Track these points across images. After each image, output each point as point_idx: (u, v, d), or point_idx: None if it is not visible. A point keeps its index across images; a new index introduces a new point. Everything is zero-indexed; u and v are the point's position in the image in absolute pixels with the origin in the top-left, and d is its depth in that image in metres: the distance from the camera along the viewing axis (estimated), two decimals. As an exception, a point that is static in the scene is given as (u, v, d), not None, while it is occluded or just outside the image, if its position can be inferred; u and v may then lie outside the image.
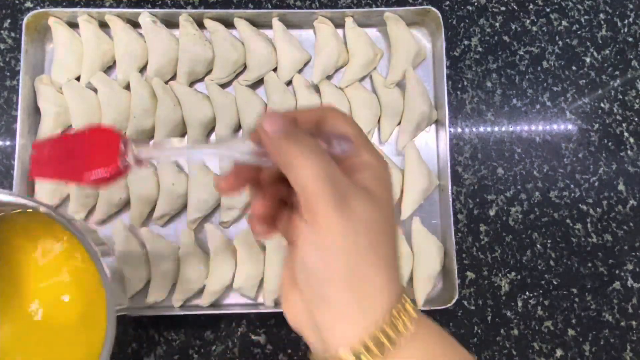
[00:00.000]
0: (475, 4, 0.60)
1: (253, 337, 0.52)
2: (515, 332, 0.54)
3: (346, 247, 0.26)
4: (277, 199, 0.31)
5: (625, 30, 0.61)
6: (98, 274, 0.37)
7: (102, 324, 0.37)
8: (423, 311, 0.28)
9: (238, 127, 0.55)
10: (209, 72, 0.56)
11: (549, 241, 0.56)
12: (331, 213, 0.26)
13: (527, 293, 0.55)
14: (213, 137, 0.55)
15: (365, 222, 0.27)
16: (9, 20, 0.57)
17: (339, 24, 0.57)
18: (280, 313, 0.51)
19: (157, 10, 0.55)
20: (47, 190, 0.51)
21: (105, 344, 0.36)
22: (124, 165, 0.29)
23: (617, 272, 0.55)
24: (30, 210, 0.41)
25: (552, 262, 0.55)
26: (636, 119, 0.59)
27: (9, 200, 0.39)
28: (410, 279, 0.53)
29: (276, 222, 0.31)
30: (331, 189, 0.26)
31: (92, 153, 0.30)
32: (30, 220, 0.42)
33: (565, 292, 0.55)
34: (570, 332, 0.54)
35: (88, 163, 0.29)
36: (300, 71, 0.56)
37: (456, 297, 0.51)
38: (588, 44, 0.60)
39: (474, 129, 0.58)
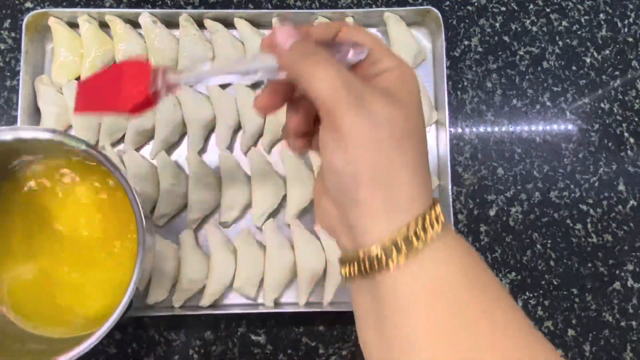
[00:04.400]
0: (475, 4, 0.60)
1: (253, 337, 0.52)
2: (516, 332, 0.54)
3: (369, 146, 0.26)
4: (312, 115, 0.31)
5: (625, 30, 0.61)
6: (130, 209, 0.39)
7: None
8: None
9: (238, 127, 0.55)
10: (209, 72, 0.55)
11: (549, 241, 0.56)
12: (349, 114, 0.26)
13: (527, 293, 0.55)
14: (213, 137, 0.55)
15: (386, 121, 0.26)
16: (9, 20, 0.57)
17: (339, 24, 0.57)
18: (281, 313, 0.52)
19: (157, 10, 0.55)
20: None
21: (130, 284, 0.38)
22: (154, 92, 0.31)
23: (617, 272, 0.55)
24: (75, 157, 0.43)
25: (552, 263, 0.55)
26: (636, 119, 0.59)
27: (46, 137, 0.39)
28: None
29: (311, 139, 0.32)
30: (346, 92, 0.26)
31: (126, 84, 0.32)
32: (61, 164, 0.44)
33: (565, 292, 0.55)
34: (571, 332, 0.54)
35: (123, 93, 0.32)
36: (300, 71, 0.56)
37: (456, 297, 0.51)
38: (588, 44, 0.60)
39: (474, 129, 0.58)
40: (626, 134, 0.58)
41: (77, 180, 0.44)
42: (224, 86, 0.55)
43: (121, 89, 0.31)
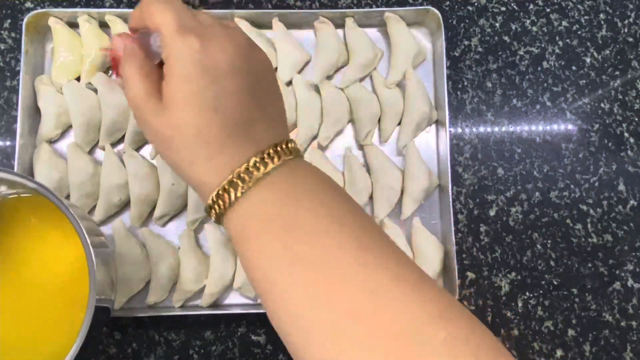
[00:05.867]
0: (475, 4, 0.60)
1: (253, 337, 0.52)
2: (516, 332, 0.54)
3: (187, 108, 0.31)
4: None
5: (625, 30, 0.61)
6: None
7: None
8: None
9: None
10: (209, 72, 0.55)
11: (549, 241, 0.56)
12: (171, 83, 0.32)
13: (527, 293, 0.55)
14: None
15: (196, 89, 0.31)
16: (9, 21, 0.57)
17: (339, 24, 0.57)
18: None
19: (157, 10, 0.55)
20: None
21: (82, 326, 0.37)
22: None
23: (617, 272, 0.55)
24: (25, 194, 0.42)
25: (552, 263, 0.55)
26: (636, 119, 0.59)
27: (8, 178, 0.39)
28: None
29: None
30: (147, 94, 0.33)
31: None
32: (28, 204, 0.43)
33: (565, 293, 0.55)
34: (571, 332, 0.54)
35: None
36: (300, 71, 0.56)
37: (456, 297, 0.51)
38: (588, 44, 0.60)
39: (474, 129, 0.58)
40: (626, 134, 0.58)
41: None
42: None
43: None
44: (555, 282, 0.55)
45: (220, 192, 0.31)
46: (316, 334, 0.28)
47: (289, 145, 0.32)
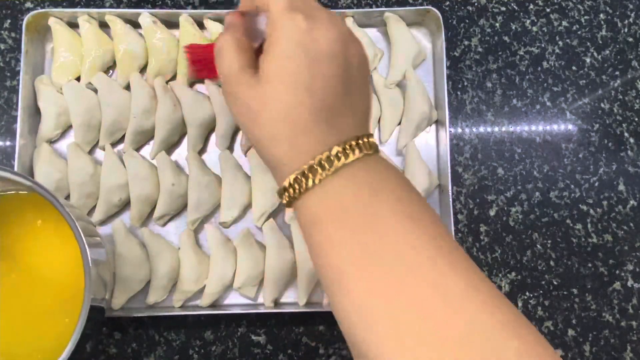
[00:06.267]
0: (475, 4, 0.60)
1: (253, 337, 0.52)
2: (516, 332, 0.54)
3: (280, 86, 0.31)
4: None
5: (626, 30, 0.61)
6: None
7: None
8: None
9: (238, 127, 0.55)
10: (209, 72, 0.56)
11: (549, 241, 0.56)
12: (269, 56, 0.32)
13: (527, 293, 0.55)
14: (213, 137, 0.55)
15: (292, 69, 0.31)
16: (9, 21, 0.57)
17: (339, 24, 0.57)
18: (281, 313, 0.52)
19: (157, 10, 0.55)
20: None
21: (77, 326, 0.37)
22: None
23: (617, 272, 0.55)
24: (23, 192, 0.43)
25: (552, 263, 0.55)
26: (636, 119, 0.59)
27: (5, 176, 0.40)
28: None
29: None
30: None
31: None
32: (25, 203, 0.44)
33: (565, 293, 0.55)
34: (571, 332, 0.54)
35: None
36: (300, 71, 0.56)
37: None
38: (588, 44, 0.60)
39: (474, 129, 0.58)
40: (626, 134, 0.58)
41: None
42: (224, 86, 0.55)
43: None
44: (555, 282, 0.55)
45: (298, 175, 0.31)
46: (381, 329, 0.28)
47: (370, 140, 0.32)
